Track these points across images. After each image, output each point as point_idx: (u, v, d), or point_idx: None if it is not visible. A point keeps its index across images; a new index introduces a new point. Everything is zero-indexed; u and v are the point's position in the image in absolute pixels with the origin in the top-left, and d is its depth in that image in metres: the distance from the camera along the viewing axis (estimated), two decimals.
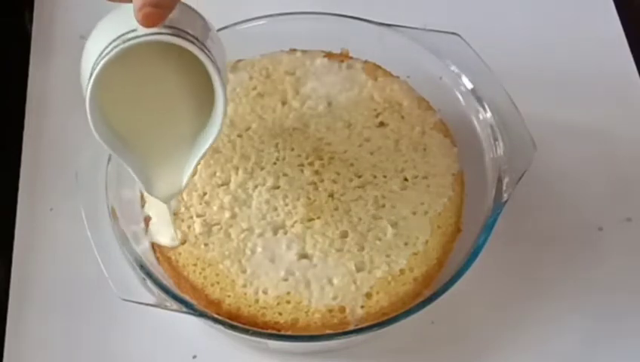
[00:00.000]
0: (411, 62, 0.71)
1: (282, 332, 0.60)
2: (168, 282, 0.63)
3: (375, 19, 0.71)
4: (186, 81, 0.58)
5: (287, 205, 0.64)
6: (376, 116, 0.69)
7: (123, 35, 0.53)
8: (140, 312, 0.61)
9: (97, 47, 0.54)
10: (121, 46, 0.52)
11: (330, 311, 0.61)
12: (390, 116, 0.69)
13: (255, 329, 0.60)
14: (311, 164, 0.66)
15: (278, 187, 0.65)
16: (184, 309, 0.59)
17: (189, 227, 0.64)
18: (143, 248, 0.63)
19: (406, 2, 0.81)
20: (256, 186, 0.65)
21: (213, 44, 0.55)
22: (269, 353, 0.65)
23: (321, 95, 0.70)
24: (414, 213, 0.64)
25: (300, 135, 0.67)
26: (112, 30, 0.54)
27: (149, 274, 0.60)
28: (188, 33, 0.53)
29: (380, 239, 0.63)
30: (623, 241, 0.71)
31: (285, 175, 0.65)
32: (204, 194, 0.65)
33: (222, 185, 0.65)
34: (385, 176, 0.66)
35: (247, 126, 0.68)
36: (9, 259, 0.70)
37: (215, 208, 0.64)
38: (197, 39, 0.54)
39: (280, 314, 0.61)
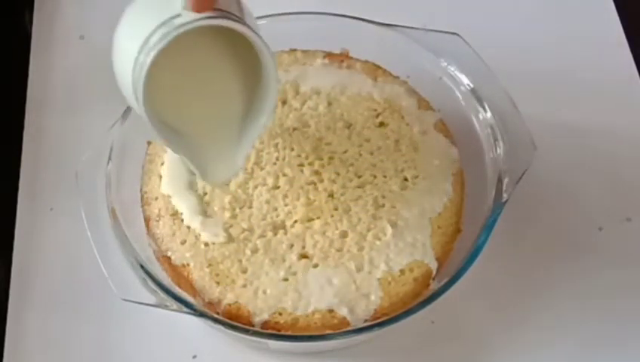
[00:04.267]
0: (411, 62, 0.71)
1: (282, 332, 0.60)
2: (168, 282, 0.63)
3: (375, 19, 0.71)
4: (228, 61, 0.58)
5: (287, 205, 0.64)
6: (376, 116, 0.69)
7: (168, 20, 0.51)
8: (140, 312, 0.61)
9: (138, 34, 0.52)
10: (174, 33, 0.51)
11: (330, 311, 0.61)
12: (390, 116, 0.69)
13: (255, 329, 0.60)
14: (311, 163, 0.66)
15: (278, 187, 0.65)
16: (184, 309, 0.59)
17: (188, 227, 0.64)
18: (142, 248, 0.63)
19: (406, 2, 0.81)
20: (256, 186, 0.65)
21: (252, 20, 0.55)
22: (269, 353, 0.66)
23: (321, 95, 0.70)
24: (414, 213, 0.64)
25: (300, 135, 0.67)
26: (152, 16, 0.52)
27: (149, 274, 0.60)
28: (233, 14, 0.53)
29: (379, 239, 0.63)
30: (623, 241, 0.71)
31: (285, 175, 0.65)
32: (205, 194, 0.65)
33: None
34: (385, 176, 0.66)
35: None
36: (9, 259, 0.70)
37: (215, 208, 0.64)
38: (241, 19, 0.53)
39: (280, 314, 0.61)
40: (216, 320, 0.60)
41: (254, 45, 0.54)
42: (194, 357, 0.66)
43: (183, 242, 0.63)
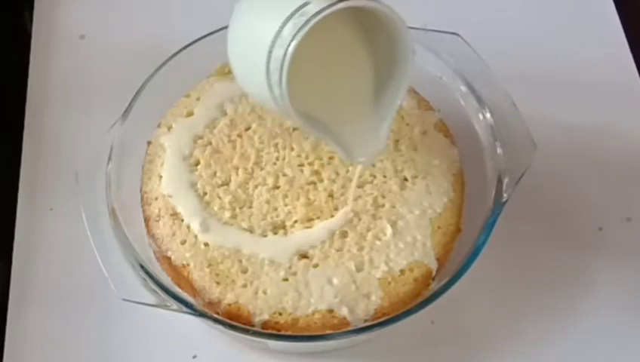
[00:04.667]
0: None
1: (282, 332, 0.60)
2: (168, 282, 0.63)
3: None
4: (356, 41, 0.58)
5: (287, 205, 0.64)
6: None
7: (296, 10, 0.52)
8: (140, 312, 0.61)
9: (264, 29, 0.53)
10: (313, 20, 0.51)
11: (330, 311, 0.61)
12: None
13: (255, 329, 0.60)
14: (311, 163, 0.66)
15: (278, 187, 0.65)
16: (184, 309, 0.59)
17: (188, 227, 0.64)
18: (142, 248, 0.63)
19: (406, 2, 0.81)
20: (256, 186, 0.65)
21: None
22: (269, 353, 0.66)
23: None
24: (414, 213, 0.64)
25: (300, 135, 0.67)
26: (275, 9, 0.53)
27: (149, 274, 0.60)
28: None
29: (379, 239, 0.63)
30: (623, 241, 0.71)
31: (285, 175, 0.66)
32: (204, 194, 0.65)
33: (222, 185, 0.65)
34: (384, 176, 0.66)
35: (247, 126, 0.68)
36: (9, 259, 0.70)
37: (215, 208, 0.64)
38: None
39: (280, 314, 0.61)
40: (216, 320, 0.60)
41: (388, 20, 0.54)
42: (194, 357, 0.66)
43: (183, 242, 0.63)
